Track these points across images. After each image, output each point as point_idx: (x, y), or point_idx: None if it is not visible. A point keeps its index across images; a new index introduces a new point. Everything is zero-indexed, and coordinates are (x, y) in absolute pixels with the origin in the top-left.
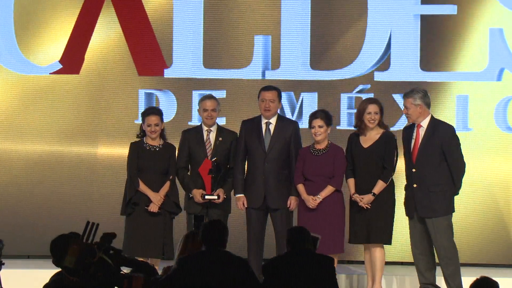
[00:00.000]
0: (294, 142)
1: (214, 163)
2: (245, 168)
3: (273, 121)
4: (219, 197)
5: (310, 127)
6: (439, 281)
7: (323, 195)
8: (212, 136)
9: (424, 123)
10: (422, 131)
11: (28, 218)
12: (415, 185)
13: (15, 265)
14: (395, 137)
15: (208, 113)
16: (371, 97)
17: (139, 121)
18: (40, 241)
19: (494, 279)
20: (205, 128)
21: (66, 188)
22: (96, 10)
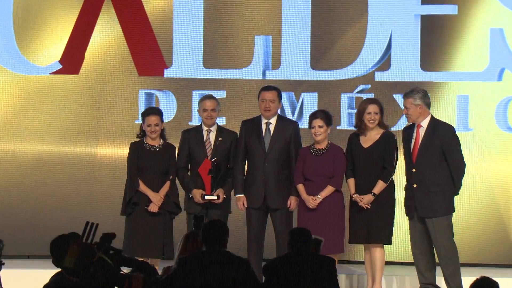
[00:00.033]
0: (294, 142)
1: (214, 163)
2: (245, 168)
3: (273, 121)
4: (219, 198)
5: (310, 127)
6: (439, 281)
7: (323, 195)
8: (212, 136)
9: (424, 123)
10: (422, 131)
11: (28, 218)
12: (415, 185)
13: (15, 265)
14: (395, 137)
15: (208, 113)
16: (371, 97)
17: (139, 121)
18: (40, 241)
19: (494, 279)
20: (205, 128)
21: (66, 188)
22: (96, 10)
